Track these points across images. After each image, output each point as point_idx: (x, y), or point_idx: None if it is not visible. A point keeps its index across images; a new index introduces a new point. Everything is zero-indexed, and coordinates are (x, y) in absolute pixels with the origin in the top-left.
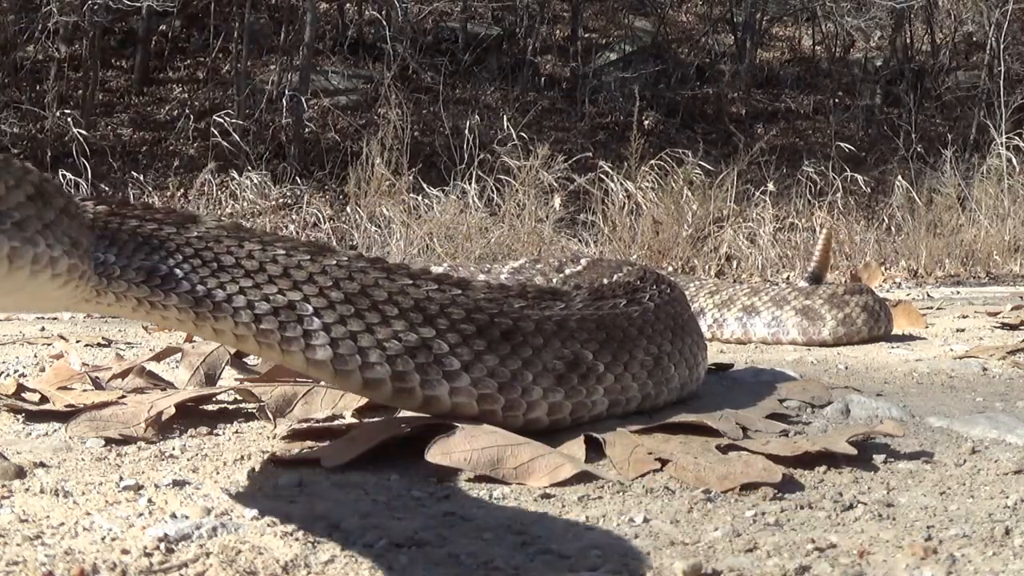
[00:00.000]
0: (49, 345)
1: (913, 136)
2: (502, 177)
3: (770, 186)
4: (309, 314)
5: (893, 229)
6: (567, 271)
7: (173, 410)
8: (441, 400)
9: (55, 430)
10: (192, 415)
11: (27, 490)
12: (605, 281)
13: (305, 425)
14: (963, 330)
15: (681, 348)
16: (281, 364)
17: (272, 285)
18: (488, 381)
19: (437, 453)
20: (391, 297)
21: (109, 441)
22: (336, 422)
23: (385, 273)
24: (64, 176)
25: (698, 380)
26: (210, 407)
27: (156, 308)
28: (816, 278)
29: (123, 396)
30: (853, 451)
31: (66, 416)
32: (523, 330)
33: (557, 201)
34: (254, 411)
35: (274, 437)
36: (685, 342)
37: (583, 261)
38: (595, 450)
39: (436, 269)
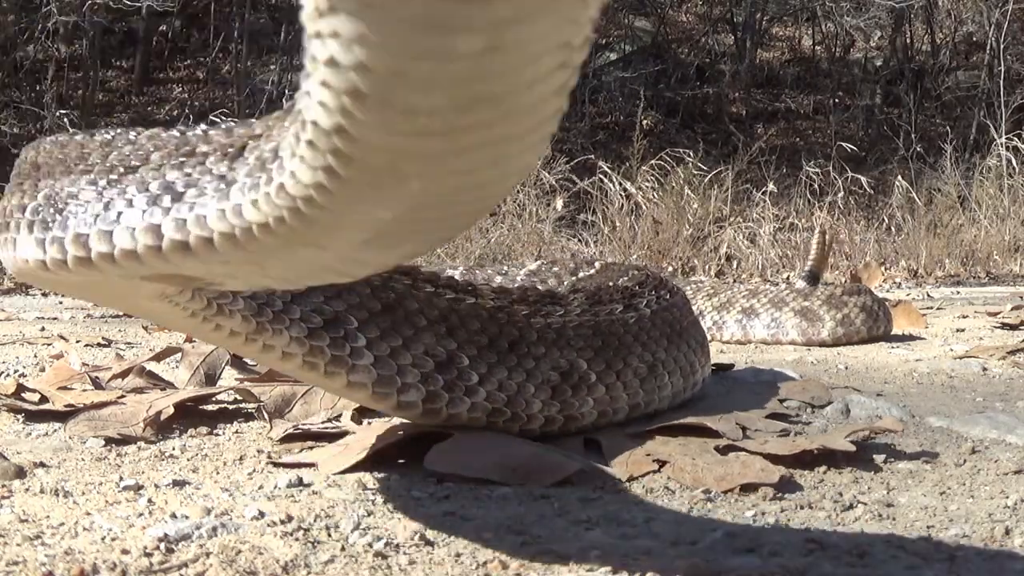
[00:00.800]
0: (49, 345)
1: (913, 136)
2: None
3: (770, 186)
4: (354, 328)
5: (893, 229)
6: (580, 274)
7: (172, 410)
8: (460, 416)
9: (55, 430)
10: (192, 415)
11: (27, 490)
12: (610, 284)
13: (301, 429)
14: (963, 330)
15: (676, 356)
16: (315, 385)
17: (319, 294)
18: (499, 395)
19: (436, 460)
20: (420, 308)
21: (109, 441)
22: (333, 424)
23: (410, 279)
24: None
25: (695, 387)
26: (210, 407)
27: (221, 313)
28: (813, 277)
29: (122, 396)
30: (852, 448)
31: (65, 416)
32: (527, 339)
33: (559, 203)
34: (254, 411)
35: (270, 440)
36: (680, 350)
37: (597, 264)
38: (594, 451)
39: (451, 272)
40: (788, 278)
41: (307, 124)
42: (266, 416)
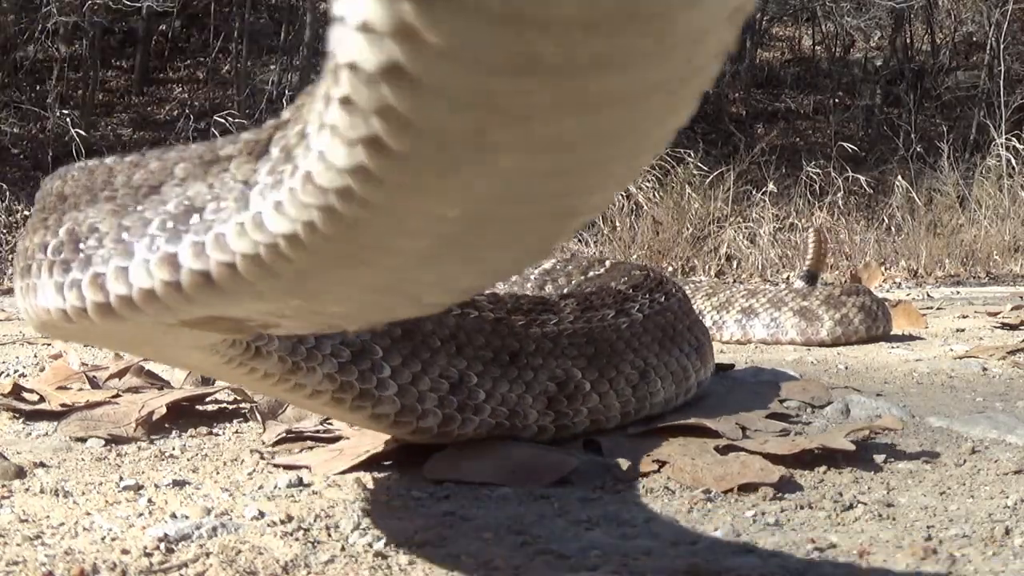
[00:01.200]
0: (49, 345)
1: (913, 136)
2: None
3: (770, 186)
4: (380, 358)
5: (893, 229)
6: (590, 273)
7: (164, 410)
8: (466, 435)
9: (55, 430)
10: (191, 415)
11: (27, 490)
12: (607, 287)
13: (294, 432)
14: (963, 330)
15: (668, 361)
16: (334, 418)
17: None
18: (500, 409)
19: (435, 468)
20: (433, 329)
21: (108, 441)
22: (326, 426)
23: None
24: None
25: (688, 392)
26: (209, 407)
27: (258, 355)
28: (812, 277)
29: (117, 395)
30: (851, 447)
31: (61, 416)
32: (526, 350)
33: None
34: (247, 412)
35: (263, 443)
36: (673, 354)
37: (607, 263)
38: (594, 452)
39: None
40: (788, 278)
41: (341, 71)
42: (259, 417)
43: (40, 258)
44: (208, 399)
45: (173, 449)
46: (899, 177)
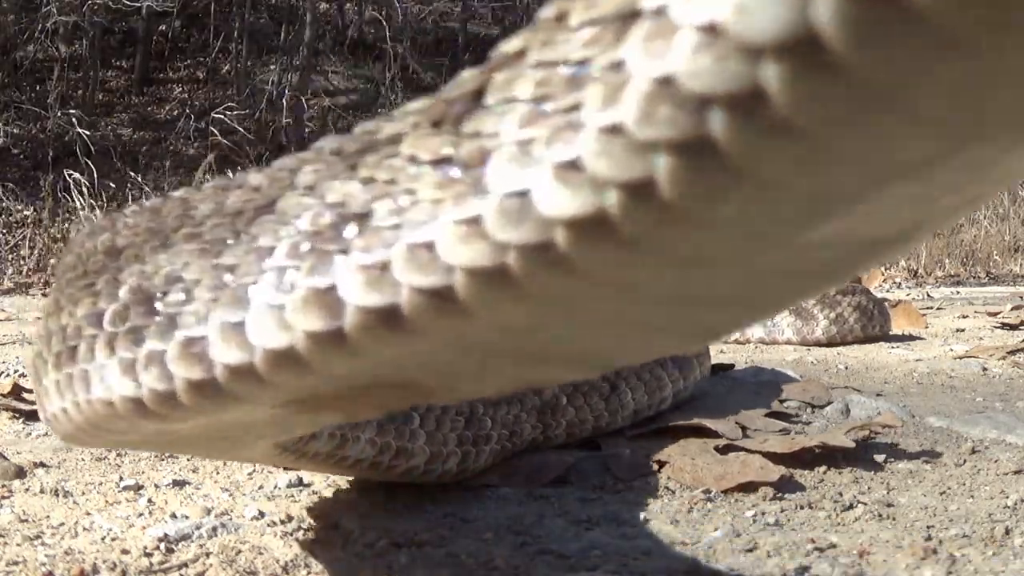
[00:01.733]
0: None
1: None
2: None
3: None
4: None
5: None
6: None
7: None
8: (480, 468)
9: None
10: None
11: (27, 490)
12: None
13: None
14: (963, 330)
15: (639, 371)
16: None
17: None
18: (504, 433)
19: None
20: None
21: None
22: None
23: None
24: (69, 176)
25: (662, 403)
26: None
27: (313, 437)
28: None
29: None
30: (851, 444)
31: None
32: None
33: None
34: None
35: None
36: (645, 365)
37: None
38: (593, 452)
39: None
40: None
41: None
42: None
43: (92, 333)
44: None
45: None
46: None
